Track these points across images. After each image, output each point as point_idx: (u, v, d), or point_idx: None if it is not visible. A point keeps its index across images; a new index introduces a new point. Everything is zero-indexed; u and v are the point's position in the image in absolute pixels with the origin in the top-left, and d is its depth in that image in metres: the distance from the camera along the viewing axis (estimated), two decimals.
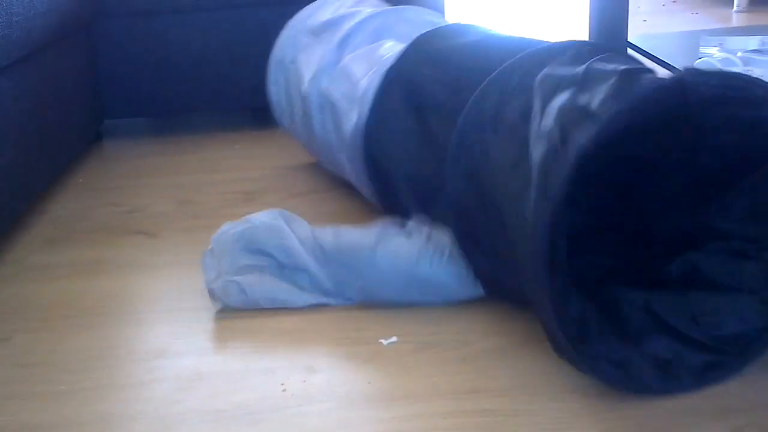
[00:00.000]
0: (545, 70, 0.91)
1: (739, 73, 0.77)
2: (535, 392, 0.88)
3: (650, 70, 0.91)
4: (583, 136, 0.76)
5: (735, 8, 3.07)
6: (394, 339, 1.00)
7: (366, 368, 0.95)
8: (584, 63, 0.89)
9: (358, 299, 1.07)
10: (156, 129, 2.13)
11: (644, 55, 1.40)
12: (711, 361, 0.88)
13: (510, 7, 2.59)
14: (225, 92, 1.91)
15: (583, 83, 0.86)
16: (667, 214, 1.00)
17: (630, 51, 1.48)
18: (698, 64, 1.14)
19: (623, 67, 0.86)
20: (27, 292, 1.20)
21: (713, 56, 1.16)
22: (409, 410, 0.87)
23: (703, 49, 1.30)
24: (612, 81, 0.84)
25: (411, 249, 1.04)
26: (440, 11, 1.92)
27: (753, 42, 1.27)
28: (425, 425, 0.84)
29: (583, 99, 0.83)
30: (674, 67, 1.27)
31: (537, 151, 0.83)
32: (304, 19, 1.51)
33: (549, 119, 0.84)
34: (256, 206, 1.48)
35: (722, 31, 1.51)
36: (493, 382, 0.91)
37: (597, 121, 0.76)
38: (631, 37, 1.52)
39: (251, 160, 1.75)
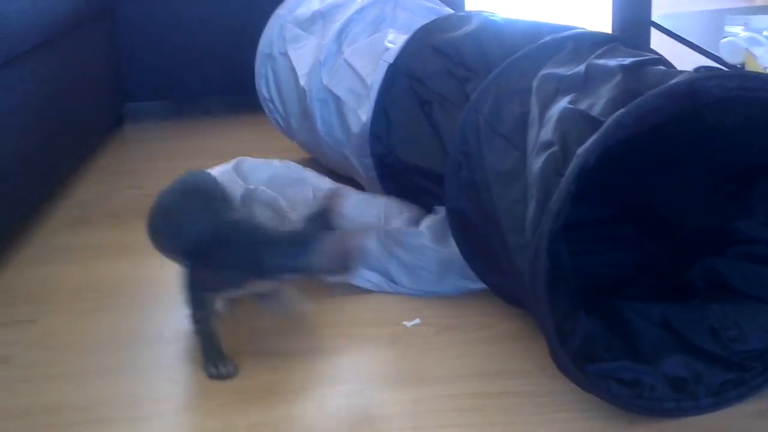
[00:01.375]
0: (543, 71, 0.86)
1: (756, 74, 0.72)
2: (556, 374, 0.87)
3: (657, 61, 0.85)
4: (584, 148, 0.71)
5: None
6: (417, 321, 1.00)
7: (389, 350, 0.95)
8: (584, 60, 0.84)
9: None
10: (177, 112, 2.13)
11: (669, 35, 1.38)
12: (732, 379, 0.82)
13: None
14: (241, 75, 1.91)
15: (584, 85, 0.81)
16: (689, 213, 0.96)
17: (654, 30, 1.46)
18: (723, 44, 1.12)
19: (627, 62, 0.81)
20: (53, 274, 1.21)
21: (738, 35, 1.14)
22: (429, 391, 0.87)
23: (728, 28, 1.28)
24: (616, 80, 0.79)
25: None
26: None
27: None
28: (448, 406, 0.85)
29: (584, 104, 0.78)
30: (699, 47, 1.25)
31: (536, 162, 0.78)
32: (290, 10, 1.47)
33: (548, 128, 0.79)
34: None
35: (747, 9, 1.49)
36: (515, 363, 0.91)
37: (598, 131, 0.70)
38: (655, 16, 1.50)
39: (267, 143, 1.74)
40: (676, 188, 0.97)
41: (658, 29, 1.43)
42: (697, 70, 0.74)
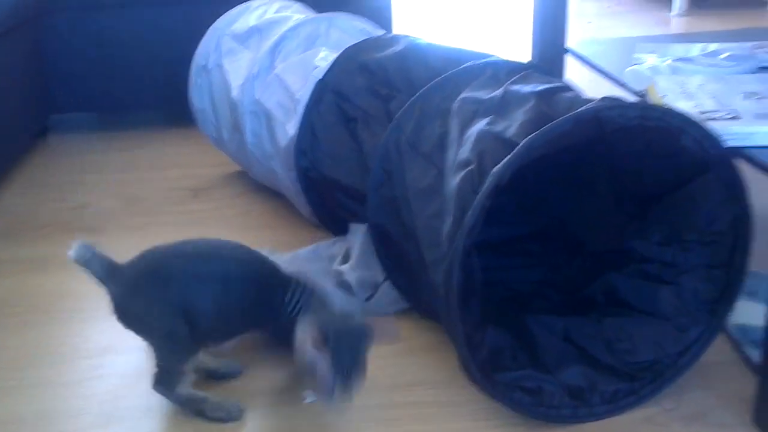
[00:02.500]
0: (463, 94, 0.91)
1: (656, 105, 0.78)
2: (463, 385, 0.91)
3: (567, 89, 0.91)
4: (499, 167, 0.75)
5: (674, 12, 3.16)
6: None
7: None
8: (502, 85, 0.89)
9: None
10: (103, 124, 2.10)
11: (582, 61, 1.46)
12: (624, 388, 0.87)
13: (459, 16, 2.63)
14: (172, 88, 1.90)
15: (500, 108, 0.86)
16: (595, 232, 1.01)
17: (569, 57, 1.53)
18: (627, 72, 1.19)
19: (540, 88, 0.87)
20: None
21: (643, 64, 1.22)
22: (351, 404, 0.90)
23: (636, 56, 1.36)
24: (529, 105, 0.84)
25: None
26: (388, 22, 1.95)
27: (681, 50, 1.33)
28: (363, 417, 0.88)
29: (500, 126, 0.83)
30: (608, 73, 1.32)
31: (454, 180, 0.82)
32: (227, 24, 1.49)
33: (466, 147, 0.83)
34: (201, 203, 1.50)
35: (658, 38, 1.57)
36: (428, 374, 0.95)
37: (512, 152, 0.75)
38: (571, 43, 1.58)
39: (198, 157, 1.74)
40: (585, 208, 1.03)
41: (573, 56, 1.50)
42: (603, 99, 0.80)
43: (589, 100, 0.85)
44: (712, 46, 1.32)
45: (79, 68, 1.89)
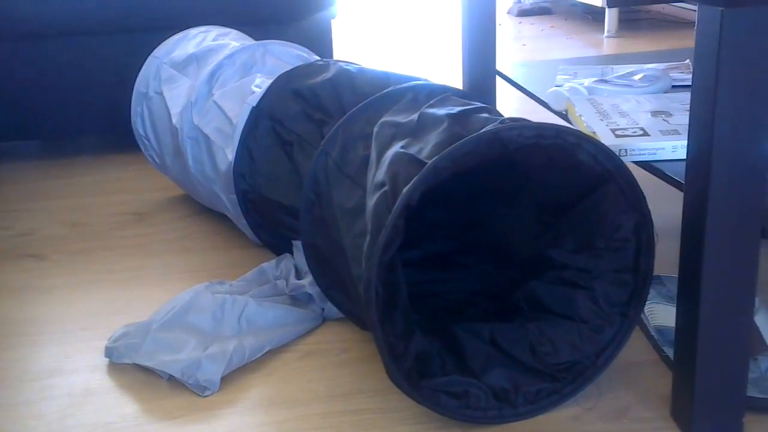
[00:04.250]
0: (383, 119, 0.96)
1: (552, 125, 0.83)
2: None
3: (482, 110, 0.96)
4: (408, 187, 0.80)
5: (605, 33, 3.31)
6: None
7: (254, 377, 1.02)
8: (420, 108, 0.94)
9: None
10: (47, 151, 2.11)
11: (510, 83, 1.54)
12: (546, 388, 0.92)
13: (397, 41, 2.70)
14: (115, 114, 1.93)
15: (416, 131, 0.91)
16: (519, 242, 1.06)
17: (499, 78, 1.62)
18: (549, 93, 1.27)
19: (455, 110, 0.92)
20: None
21: (563, 86, 1.30)
22: (289, 413, 0.94)
23: (559, 78, 1.44)
24: (443, 127, 0.89)
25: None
26: (329, 48, 2.01)
27: (599, 72, 1.43)
28: (304, 426, 0.92)
29: (414, 148, 0.88)
30: (533, 94, 1.40)
31: (371, 200, 0.87)
32: (166, 52, 1.53)
33: (382, 170, 0.88)
34: (146, 227, 1.53)
35: (583, 59, 1.67)
36: (366, 384, 1.00)
37: (420, 173, 0.80)
38: (501, 66, 1.66)
39: (142, 182, 1.77)
40: (512, 220, 1.10)
41: (502, 77, 1.58)
42: (503, 121, 0.86)
43: (503, 120, 0.91)
44: (629, 68, 1.42)
45: (20, 96, 1.90)
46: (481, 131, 0.80)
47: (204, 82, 1.40)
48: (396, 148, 0.89)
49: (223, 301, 1.10)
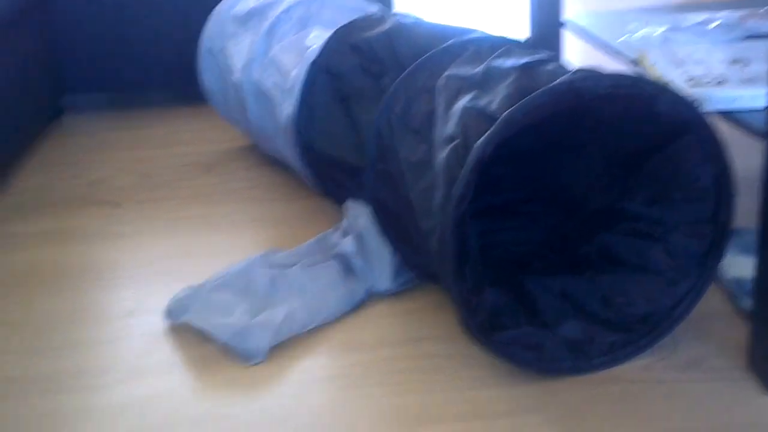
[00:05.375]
0: (447, 72, 0.95)
1: (629, 74, 0.81)
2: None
3: (549, 61, 0.94)
4: (481, 141, 0.79)
5: None
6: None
7: (335, 323, 1.03)
8: (484, 61, 0.92)
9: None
10: (116, 103, 2.15)
11: (578, 33, 1.51)
12: (620, 340, 0.91)
13: None
14: (182, 67, 1.95)
15: (482, 84, 0.89)
16: (588, 195, 1.04)
17: (567, 29, 1.58)
18: (620, 42, 1.24)
19: (521, 62, 0.90)
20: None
21: (634, 35, 1.27)
22: (358, 357, 0.96)
23: (630, 27, 1.40)
24: (511, 79, 0.87)
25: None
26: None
27: (672, 20, 1.38)
28: (373, 370, 0.94)
29: (483, 101, 0.86)
30: (605, 42, 1.36)
31: (441, 154, 0.86)
32: (229, 7, 1.53)
33: (452, 122, 0.87)
34: (214, 177, 1.56)
35: (654, 8, 1.62)
36: (434, 330, 1.00)
37: (493, 127, 0.79)
38: (567, 16, 1.62)
39: (210, 133, 1.79)
40: (579, 172, 1.08)
41: (569, 28, 1.55)
42: (577, 71, 0.84)
43: (576, 70, 0.89)
44: (703, 16, 1.37)
45: (91, 49, 1.94)
46: (554, 83, 0.78)
47: (262, 38, 1.40)
48: (464, 101, 0.88)
49: (277, 272, 1.10)
